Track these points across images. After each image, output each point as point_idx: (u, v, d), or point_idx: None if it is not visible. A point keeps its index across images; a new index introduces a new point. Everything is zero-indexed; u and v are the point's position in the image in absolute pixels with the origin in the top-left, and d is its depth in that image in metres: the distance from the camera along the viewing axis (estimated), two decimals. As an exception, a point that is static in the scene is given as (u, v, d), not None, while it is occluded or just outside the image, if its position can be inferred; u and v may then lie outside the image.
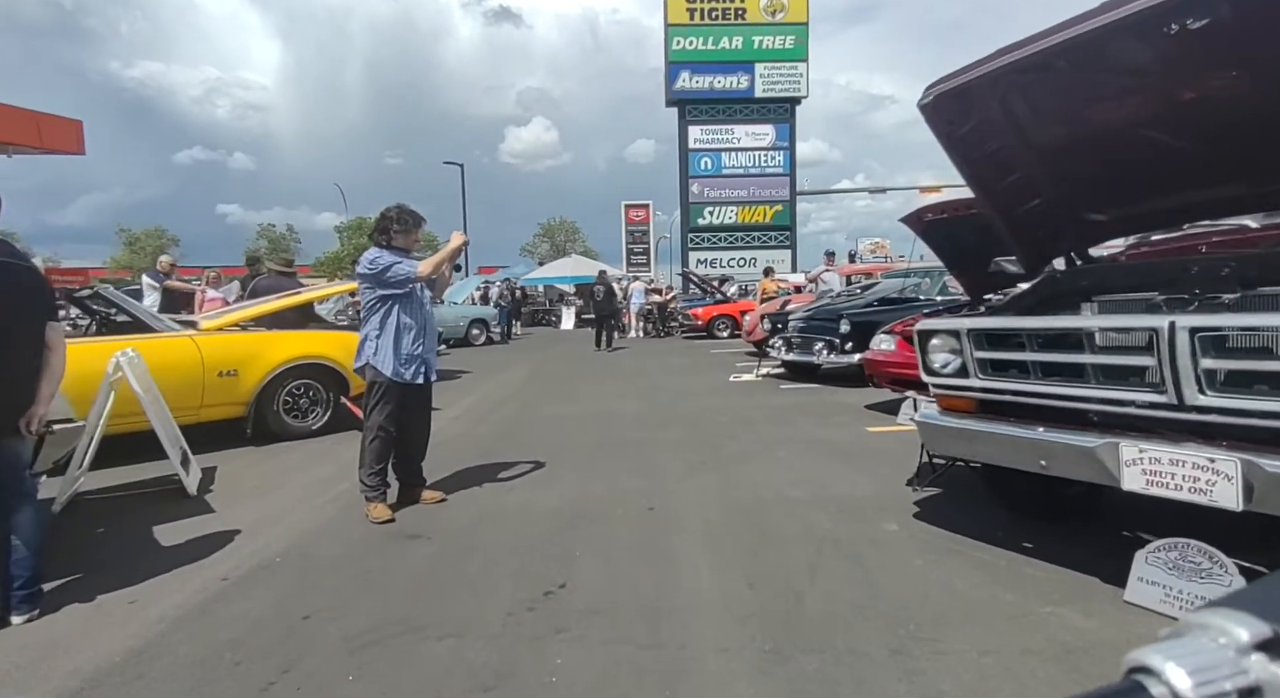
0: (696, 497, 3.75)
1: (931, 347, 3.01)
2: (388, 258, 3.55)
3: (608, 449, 5.04)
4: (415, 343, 3.63)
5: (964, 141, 3.16)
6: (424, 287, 3.72)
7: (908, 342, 5.85)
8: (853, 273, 12.47)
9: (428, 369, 3.72)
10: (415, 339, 3.63)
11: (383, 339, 3.56)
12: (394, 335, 3.56)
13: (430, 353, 3.73)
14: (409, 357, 3.60)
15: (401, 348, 3.57)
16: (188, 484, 4.03)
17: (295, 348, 5.67)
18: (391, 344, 3.55)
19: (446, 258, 3.77)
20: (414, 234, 3.72)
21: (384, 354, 3.55)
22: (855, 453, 4.65)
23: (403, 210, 3.67)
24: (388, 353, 3.54)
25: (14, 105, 12.49)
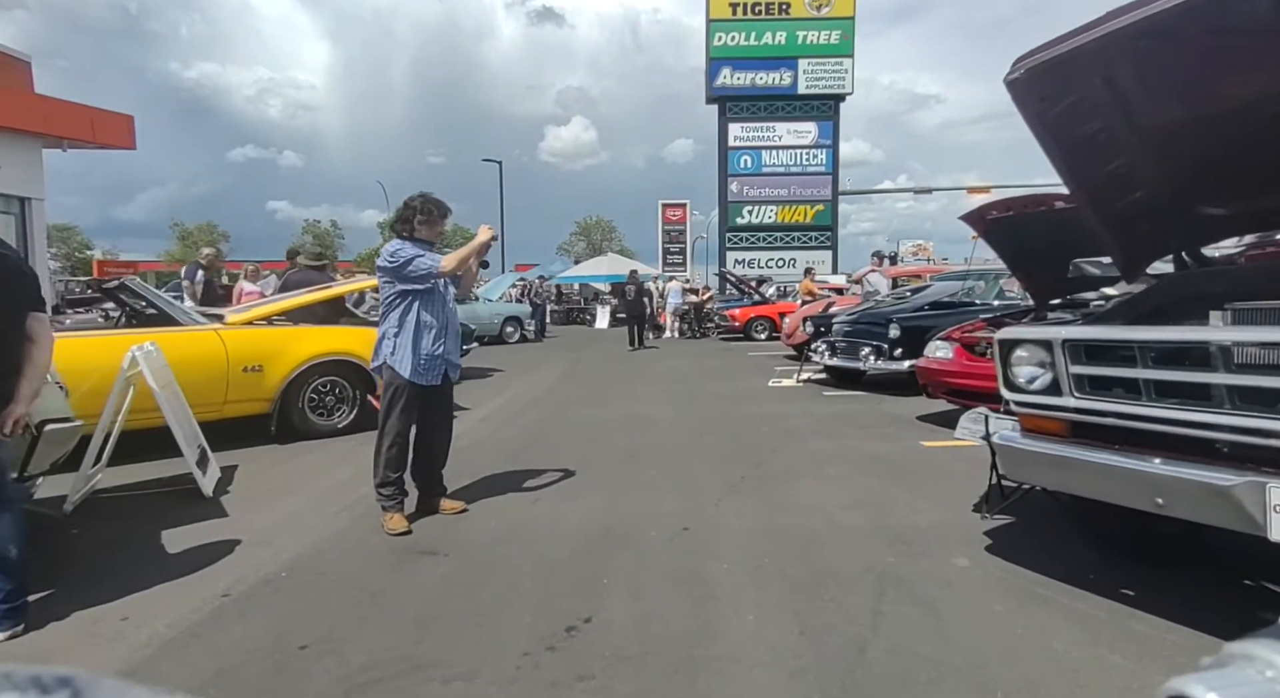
0: (737, 520, 3.40)
1: (1015, 358, 2.61)
2: (409, 251, 3.31)
3: (640, 459, 4.73)
4: (436, 342, 3.37)
5: (1058, 123, 2.75)
6: (448, 283, 3.47)
7: (967, 349, 5.40)
8: (899, 275, 11.89)
9: (449, 370, 3.47)
10: (437, 338, 3.37)
11: (401, 337, 3.32)
12: (414, 334, 3.31)
13: (453, 353, 3.48)
14: (430, 357, 3.35)
15: (421, 347, 3.32)
16: (203, 486, 3.86)
17: (322, 344, 5.51)
18: (411, 343, 3.31)
19: (473, 253, 3.49)
20: (439, 226, 3.46)
21: (402, 353, 3.30)
22: (912, 471, 4.24)
23: (427, 199, 3.42)
24: (406, 352, 3.30)
25: (68, 100, 12.86)
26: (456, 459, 4.85)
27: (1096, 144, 2.81)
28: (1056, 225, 5.24)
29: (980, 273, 9.72)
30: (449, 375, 3.48)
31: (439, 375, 3.40)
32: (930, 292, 8.03)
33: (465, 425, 6.11)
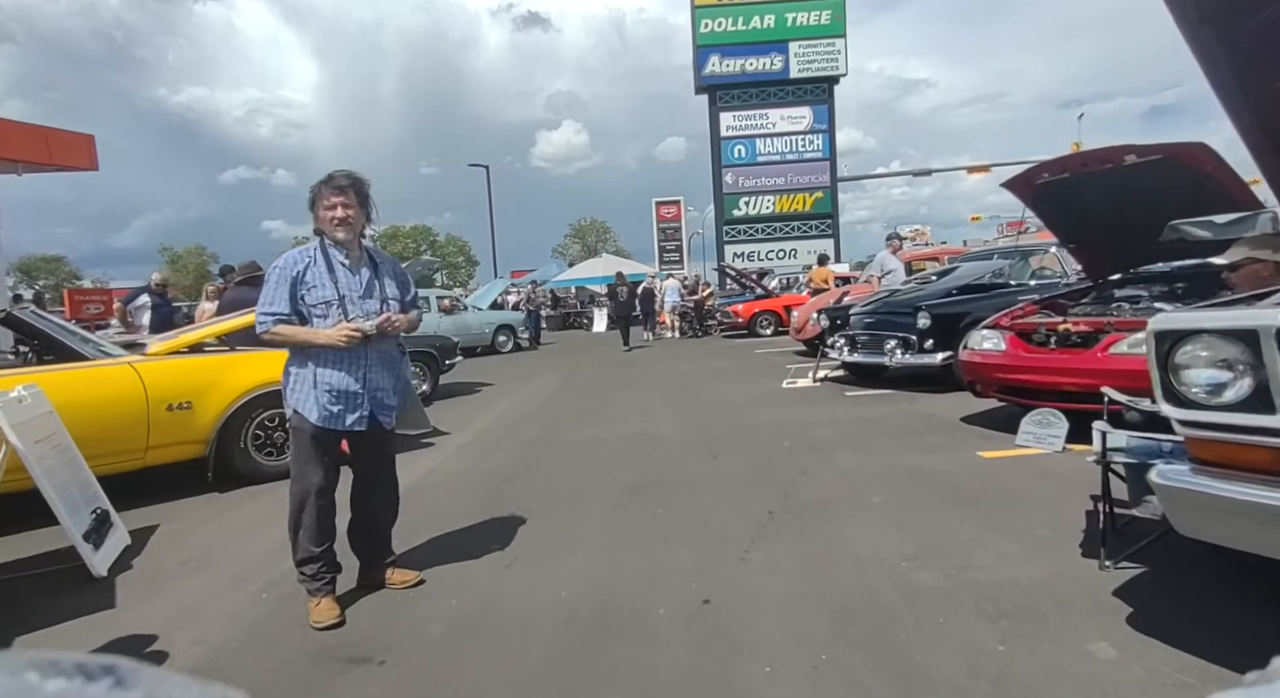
0: (773, 582, 2.59)
1: (1186, 357, 1.79)
2: (273, 275, 2.54)
3: (644, 493, 3.92)
4: (351, 376, 2.54)
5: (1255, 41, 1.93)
6: (371, 287, 2.63)
7: (1023, 339, 4.58)
8: (915, 259, 11.07)
9: (378, 412, 2.65)
10: (352, 370, 2.54)
11: (302, 369, 2.53)
12: (316, 364, 2.51)
13: (383, 389, 2.65)
14: (340, 395, 2.53)
15: (324, 381, 2.51)
16: (93, 564, 3.05)
17: (266, 371, 4.69)
18: (313, 377, 2.51)
19: (308, 343, 2.51)
20: (321, 211, 2.55)
21: (303, 390, 2.51)
22: (978, 496, 3.42)
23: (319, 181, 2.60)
24: (307, 388, 2.50)
25: (21, 121, 12.09)
26: (424, 501, 4.07)
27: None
28: (1125, 185, 4.42)
29: (1006, 251, 8.91)
30: (379, 419, 2.65)
31: (361, 419, 2.59)
32: (959, 274, 7.21)
33: (441, 455, 5.32)
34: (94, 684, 0.28)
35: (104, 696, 0.28)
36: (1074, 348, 4.22)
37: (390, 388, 2.68)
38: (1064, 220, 4.85)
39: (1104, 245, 4.82)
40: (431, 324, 13.53)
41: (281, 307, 2.48)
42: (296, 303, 2.50)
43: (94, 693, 0.28)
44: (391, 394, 2.68)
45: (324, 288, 2.51)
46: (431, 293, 15.09)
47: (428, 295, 14.52)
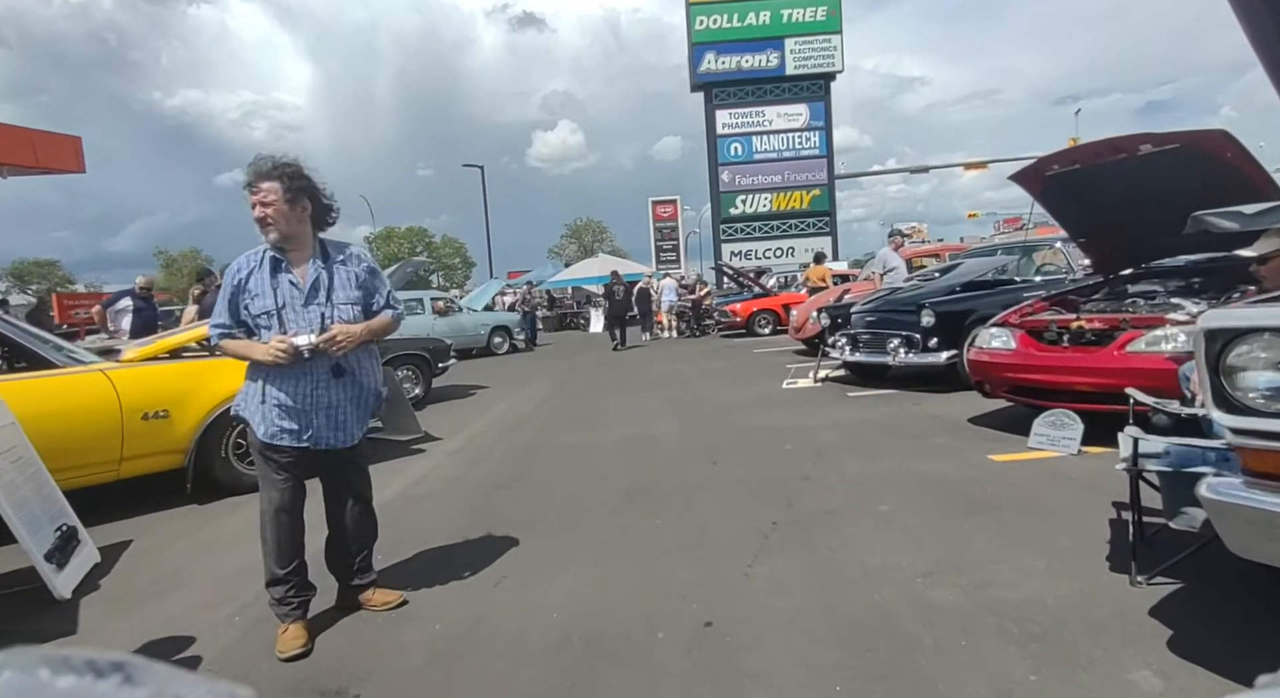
0: (780, 602, 2.42)
1: (1241, 359, 1.62)
2: (226, 278, 2.37)
3: (641, 501, 3.75)
4: (300, 391, 2.29)
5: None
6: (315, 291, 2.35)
7: (1034, 337, 4.42)
8: (915, 256, 10.90)
9: (330, 432, 2.36)
10: (300, 386, 2.29)
11: (254, 382, 2.34)
12: (264, 377, 2.31)
13: (336, 407, 2.35)
14: (288, 410, 2.30)
15: (272, 396, 2.29)
16: (55, 586, 2.87)
17: (247, 378, 4.51)
18: (261, 391, 2.31)
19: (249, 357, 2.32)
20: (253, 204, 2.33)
21: (252, 404, 2.33)
22: (992, 503, 3.25)
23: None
24: (256, 402, 2.32)
25: (7, 123, 11.87)
26: (410, 513, 3.90)
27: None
28: (1139, 176, 4.25)
29: (1008, 247, 8.75)
30: (336, 436, 2.37)
31: (314, 437, 2.34)
32: (962, 271, 7.05)
33: (432, 462, 5.15)
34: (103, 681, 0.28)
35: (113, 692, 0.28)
36: (1088, 346, 4.05)
37: (348, 404, 2.37)
38: (1074, 214, 4.69)
39: (1115, 239, 4.67)
40: (425, 326, 13.35)
41: (223, 318, 2.31)
42: (240, 313, 2.30)
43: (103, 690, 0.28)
44: (349, 411, 2.38)
45: (265, 297, 2.27)
46: (426, 294, 14.90)
47: (421, 297, 14.34)
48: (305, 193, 2.28)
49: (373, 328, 2.40)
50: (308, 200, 2.30)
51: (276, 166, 2.23)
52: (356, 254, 2.47)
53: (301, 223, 2.32)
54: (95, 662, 0.29)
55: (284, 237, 2.27)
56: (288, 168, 2.25)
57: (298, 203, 2.27)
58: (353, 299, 2.38)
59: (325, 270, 2.35)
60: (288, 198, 2.23)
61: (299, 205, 2.27)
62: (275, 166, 2.23)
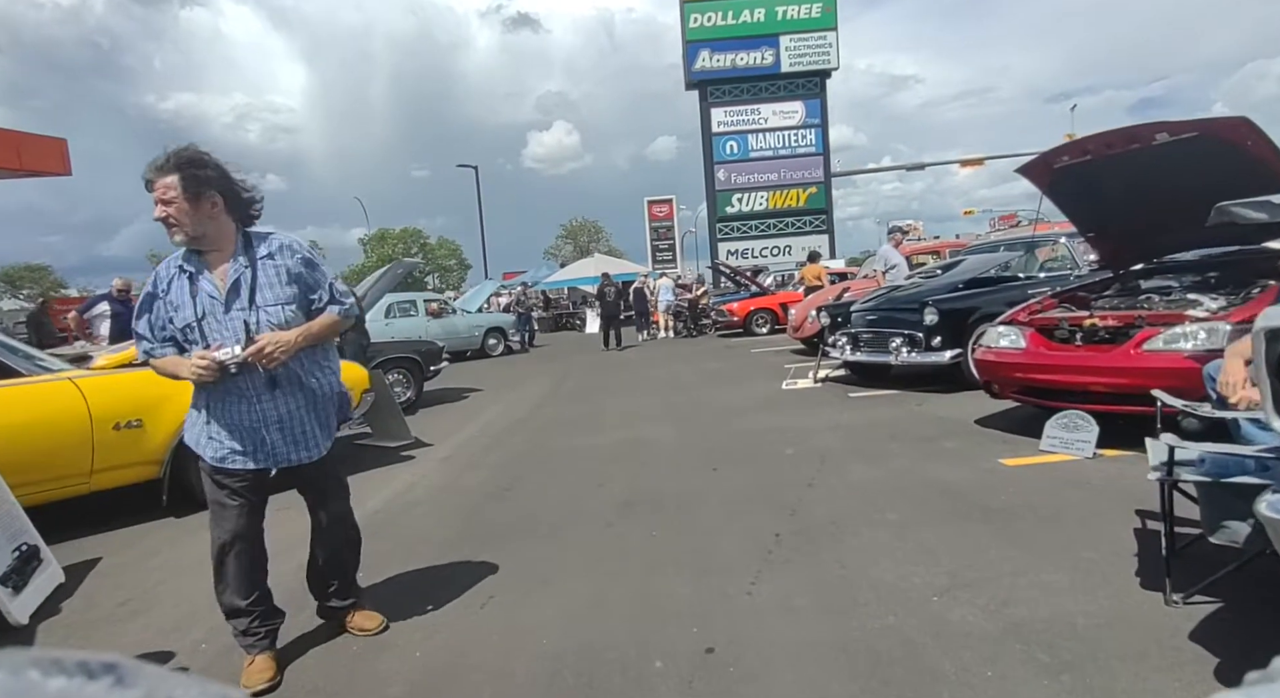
0: (786, 625, 2.25)
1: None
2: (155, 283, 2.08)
3: (638, 510, 3.58)
4: (240, 408, 2.06)
5: None
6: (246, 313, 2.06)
7: (1044, 335, 4.26)
8: (915, 253, 10.76)
9: (289, 447, 2.12)
10: (240, 402, 2.06)
11: (197, 401, 2.14)
12: (206, 395, 2.10)
13: (289, 420, 2.10)
14: (233, 430, 2.08)
15: (214, 415, 2.08)
16: (10, 611, 2.68)
17: (226, 384, 4.33)
18: (205, 410, 2.10)
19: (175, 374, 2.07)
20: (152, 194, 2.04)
21: (197, 425, 2.13)
22: (1007, 511, 3.09)
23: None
24: (201, 423, 2.12)
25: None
26: (396, 525, 3.72)
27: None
28: (1153, 167, 4.08)
29: (1009, 243, 8.61)
30: (298, 451, 2.14)
31: (273, 454, 2.11)
32: (965, 267, 6.89)
33: (421, 469, 4.97)
34: (95, 682, 0.28)
35: (105, 694, 0.28)
36: (1102, 345, 3.89)
37: (304, 413, 2.11)
38: (1083, 207, 4.54)
39: (1127, 234, 4.51)
40: (419, 328, 13.17)
41: (144, 331, 2.08)
42: (163, 328, 2.07)
43: (95, 691, 0.28)
44: (307, 421, 2.12)
45: (185, 308, 2.02)
46: (419, 296, 14.70)
47: (415, 299, 14.15)
48: (212, 185, 1.98)
49: (313, 331, 2.09)
50: (217, 194, 2.00)
51: (172, 158, 1.93)
52: (286, 245, 2.12)
53: (213, 219, 2.01)
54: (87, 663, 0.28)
55: (192, 237, 1.98)
56: (186, 158, 1.94)
57: (203, 197, 1.97)
58: (284, 298, 2.07)
59: (247, 269, 2.04)
60: (189, 193, 1.93)
61: (205, 200, 1.98)
62: (171, 159, 1.93)
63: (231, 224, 2.09)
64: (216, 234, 2.04)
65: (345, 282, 8.41)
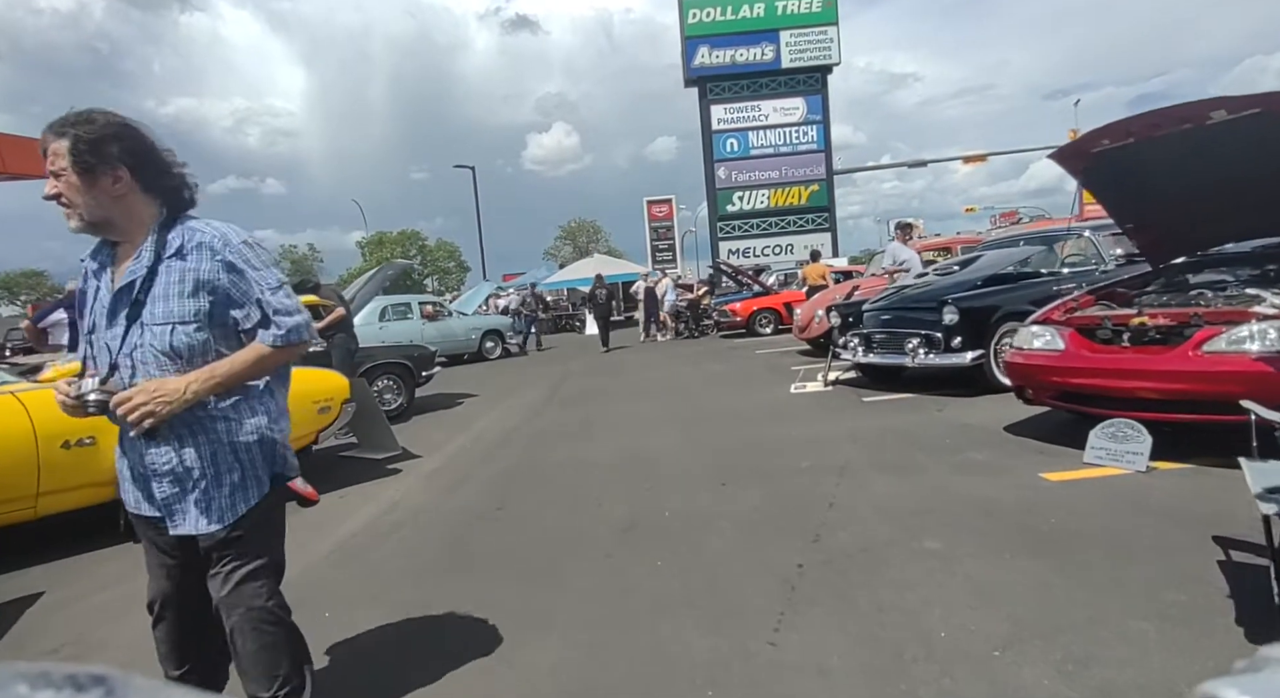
0: (818, 686, 1.87)
1: None
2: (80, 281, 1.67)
3: (639, 539, 3.21)
4: (122, 447, 1.65)
5: None
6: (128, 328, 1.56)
7: (1085, 336, 3.88)
8: (924, 249, 10.38)
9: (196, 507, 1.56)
10: (122, 440, 1.64)
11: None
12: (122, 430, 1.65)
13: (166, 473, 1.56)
14: (131, 471, 1.63)
15: (122, 448, 1.65)
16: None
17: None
18: (119, 442, 1.68)
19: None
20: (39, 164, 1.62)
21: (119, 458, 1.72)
22: (1065, 537, 2.71)
23: None
24: (120, 455, 1.70)
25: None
26: (373, 553, 3.34)
27: None
28: (1204, 150, 3.72)
29: (1024, 236, 8.23)
30: (192, 518, 1.56)
31: (168, 511, 1.58)
32: (984, 263, 6.52)
33: (406, 485, 4.61)
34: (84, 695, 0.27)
35: None
36: (1153, 346, 3.52)
37: (206, 467, 1.54)
38: (1122, 195, 4.17)
39: (1170, 224, 4.14)
40: (414, 331, 12.82)
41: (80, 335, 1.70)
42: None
43: None
44: (208, 478, 1.55)
45: (86, 315, 1.62)
46: (414, 299, 14.35)
47: (410, 301, 13.80)
48: (116, 160, 1.49)
49: (221, 373, 1.50)
50: (123, 168, 1.50)
51: (68, 120, 1.47)
52: (206, 242, 1.54)
53: (118, 201, 1.52)
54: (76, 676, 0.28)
55: (90, 223, 1.52)
56: (83, 119, 1.47)
57: (101, 172, 1.48)
58: (183, 315, 1.51)
59: (147, 269, 1.52)
60: (81, 165, 1.46)
61: (105, 175, 1.49)
62: (66, 120, 1.47)
63: (150, 209, 1.57)
64: (125, 221, 1.55)
65: (333, 287, 8.08)
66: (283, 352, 1.57)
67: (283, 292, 1.58)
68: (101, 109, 1.53)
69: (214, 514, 1.56)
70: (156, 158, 1.58)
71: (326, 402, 4.60)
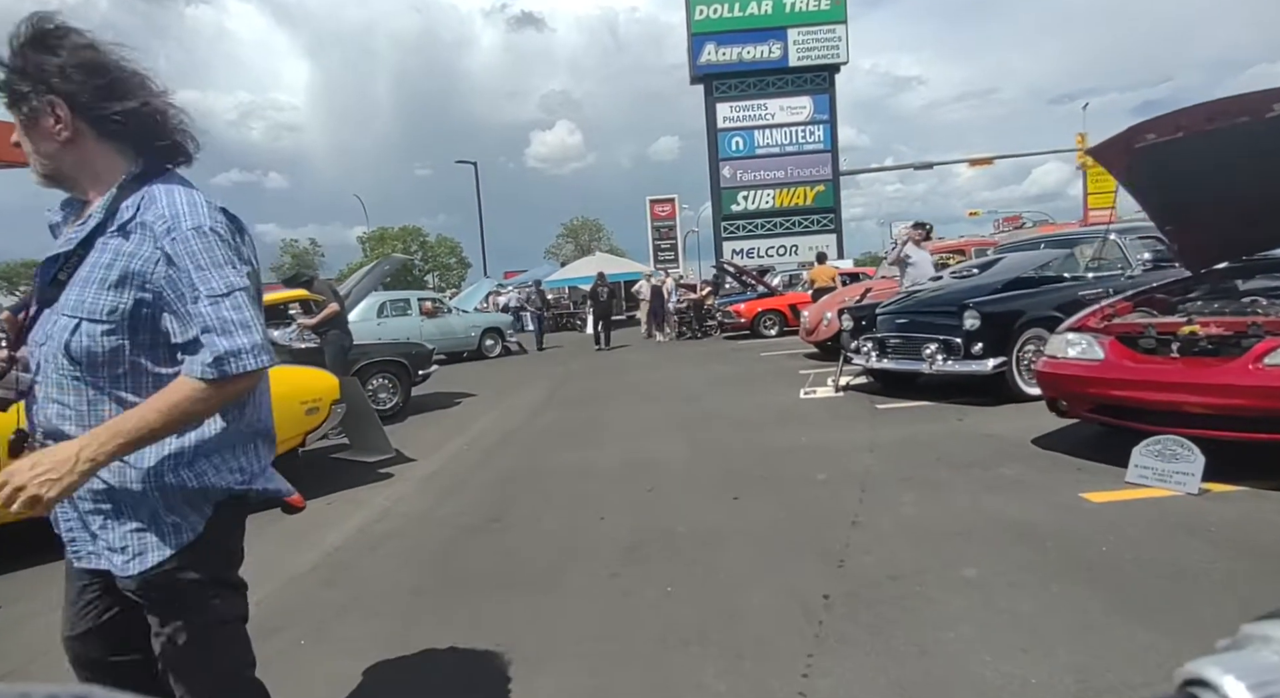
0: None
1: None
2: None
3: (645, 559, 2.95)
4: None
5: None
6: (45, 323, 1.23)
7: (1127, 344, 3.62)
8: (937, 251, 10.12)
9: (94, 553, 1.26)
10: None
11: None
12: None
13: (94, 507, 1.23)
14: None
15: None
16: None
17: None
18: None
19: None
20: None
21: None
22: (1118, 567, 2.46)
23: None
24: None
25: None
26: (358, 567, 3.08)
27: None
28: (1258, 146, 3.46)
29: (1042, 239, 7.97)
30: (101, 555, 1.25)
31: (76, 546, 1.30)
32: (1004, 266, 6.26)
33: (398, 490, 4.37)
34: None
35: None
36: (1206, 357, 3.26)
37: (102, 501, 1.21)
38: (1165, 195, 3.91)
39: (1216, 226, 3.88)
40: (413, 328, 12.57)
41: None
42: None
43: None
44: (106, 512, 1.22)
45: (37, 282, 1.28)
46: (413, 295, 14.10)
47: (409, 297, 13.55)
48: (49, 89, 1.14)
49: (124, 433, 1.10)
50: (63, 104, 1.15)
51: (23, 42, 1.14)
52: (149, 222, 1.16)
53: (66, 149, 1.18)
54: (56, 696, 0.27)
55: (43, 178, 1.23)
56: (31, 39, 1.14)
57: (39, 110, 1.14)
58: (94, 310, 1.16)
59: (81, 241, 1.19)
60: (11, 99, 1.16)
61: (45, 114, 1.15)
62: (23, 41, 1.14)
63: (115, 160, 1.22)
64: (77, 174, 1.21)
65: (327, 282, 7.79)
66: (217, 388, 1.14)
67: (228, 303, 1.15)
68: (47, 13, 1.16)
69: (129, 555, 1.22)
70: (121, 90, 1.18)
71: (314, 402, 4.35)
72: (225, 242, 1.20)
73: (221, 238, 1.20)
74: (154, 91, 1.23)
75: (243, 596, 1.37)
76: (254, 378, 1.19)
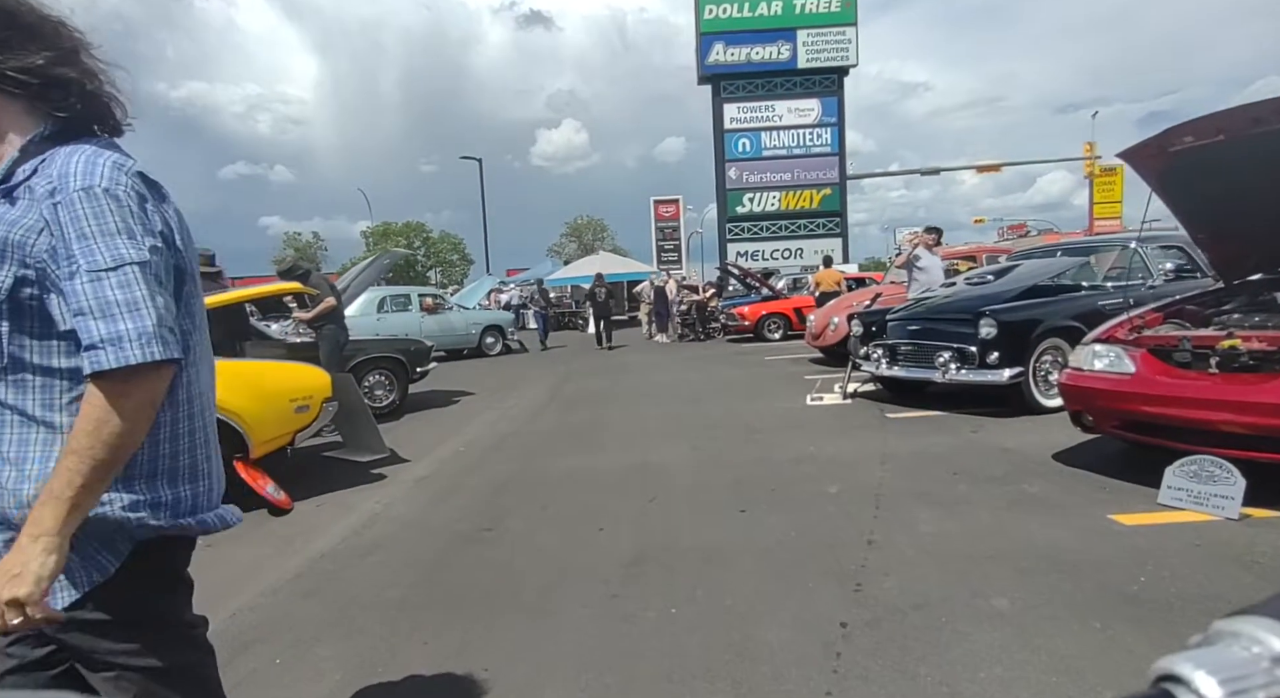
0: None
1: None
2: None
3: (647, 577, 2.76)
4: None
5: None
6: None
7: (1160, 357, 3.43)
8: (948, 257, 9.92)
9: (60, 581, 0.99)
10: None
11: None
12: None
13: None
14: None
15: None
16: None
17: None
18: None
19: None
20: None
21: None
22: (1161, 600, 2.27)
23: None
24: None
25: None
26: (343, 578, 2.90)
27: None
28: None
29: (1057, 247, 7.78)
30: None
31: None
32: (1023, 273, 6.07)
33: (390, 494, 4.19)
34: None
35: None
36: (1247, 373, 3.08)
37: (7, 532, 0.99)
38: (1201, 201, 3.72)
39: (1254, 235, 3.70)
40: (413, 324, 12.39)
41: None
42: None
43: None
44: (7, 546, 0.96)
45: None
46: (414, 290, 13.92)
47: (409, 293, 13.37)
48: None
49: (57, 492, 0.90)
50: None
51: None
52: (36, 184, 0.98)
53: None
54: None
55: None
56: None
57: None
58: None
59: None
60: None
61: None
62: None
63: (24, 122, 1.03)
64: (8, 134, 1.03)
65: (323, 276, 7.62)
66: (113, 392, 0.92)
67: (114, 279, 0.94)
68: None
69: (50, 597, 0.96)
70: (23, 44, 1.00)
71: (304, 400, 4.17)
72: (124, 207, 0.98)
73: (119, 202, 0.97)
74: (73, 47, 1.05)
75: (191, 637, 1.18)
76: (153, 376, 0.95)
